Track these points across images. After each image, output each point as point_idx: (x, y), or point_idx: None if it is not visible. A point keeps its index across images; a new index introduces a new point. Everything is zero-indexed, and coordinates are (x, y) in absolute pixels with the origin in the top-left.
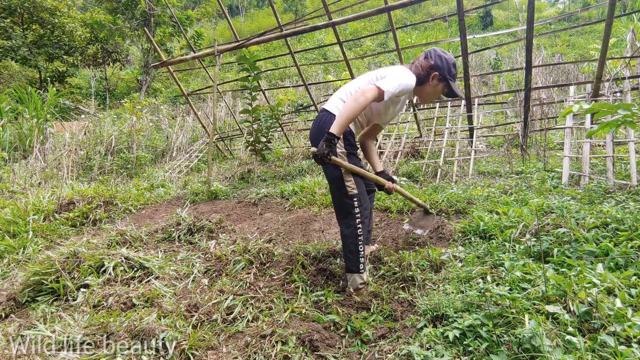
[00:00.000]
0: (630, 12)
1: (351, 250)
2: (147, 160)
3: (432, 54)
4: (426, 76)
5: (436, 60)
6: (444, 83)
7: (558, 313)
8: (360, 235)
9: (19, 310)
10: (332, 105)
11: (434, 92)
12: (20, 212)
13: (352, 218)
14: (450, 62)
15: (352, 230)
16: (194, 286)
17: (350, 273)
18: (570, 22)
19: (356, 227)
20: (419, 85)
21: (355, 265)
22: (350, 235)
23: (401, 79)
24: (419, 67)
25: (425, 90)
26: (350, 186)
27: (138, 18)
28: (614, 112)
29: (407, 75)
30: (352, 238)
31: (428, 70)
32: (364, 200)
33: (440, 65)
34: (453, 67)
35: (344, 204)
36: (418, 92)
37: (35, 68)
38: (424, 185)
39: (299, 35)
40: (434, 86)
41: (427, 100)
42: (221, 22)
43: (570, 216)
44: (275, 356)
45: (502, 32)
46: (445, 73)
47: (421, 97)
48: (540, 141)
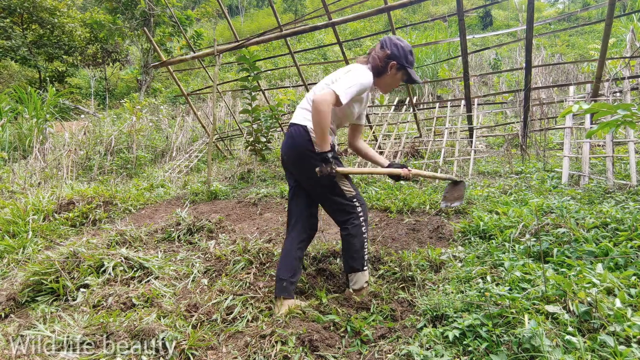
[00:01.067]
0: (630, 12)
1: (357, 250)
2: (146, 160)
3: (387, 42)
4: (384, 67)
5: (392, 49)
6: (403, 71)
7: (558, 313)
8: (366, 232)
9: (19, 310)
10: (299, 117)
11: (394, 81)
12: (20, 212)
13: (356, 217)
14: (407, 49)
15: (358, 229)
16: (193, 286)
17: (354, 273)
18: (570, 22)
19: (361, 225)
20: (378, 77)
21: (359, 264)
22: (356, 233)
23: (355, 79)
24: (376, 58)
25: (385, 81)
26: (347, 189)
27: (138, 18)
28: (614, 112)
29: (362, 73)
30: (358, 236)
31: (385, 60)
32: (362, 199)
33: (397, 54)
34: (410, 54)
35: (344, 205)
36: (378, 83)
37: (35, 68)
38: (424, 185)
39: (299, 35)
40: (393, 75)
41: (387, 90)
42: (221, 22)
43: (570, 216)
44: (275, 356)
45: (502, 32)
46: (402, 61)
47: (381, 88)
48: (540, 141)
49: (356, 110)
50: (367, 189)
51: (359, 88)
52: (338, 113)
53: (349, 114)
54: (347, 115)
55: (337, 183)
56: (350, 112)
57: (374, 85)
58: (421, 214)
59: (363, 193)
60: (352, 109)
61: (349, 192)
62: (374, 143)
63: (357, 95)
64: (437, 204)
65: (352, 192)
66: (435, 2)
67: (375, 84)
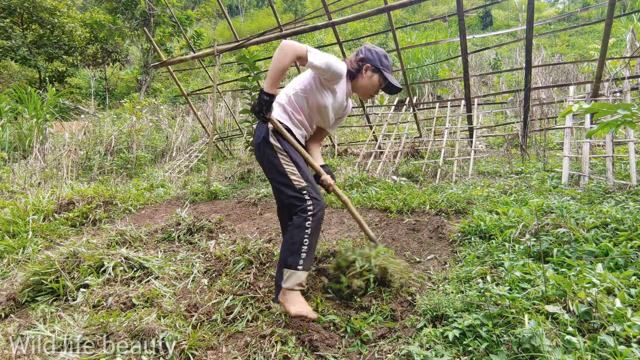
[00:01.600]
0: (630, 12)
1: (295, 243)
2: (146, 160)
3: (362, 49)
4: (358, 69)
5: (366, 53)
6: (378, 74)
7: (558, 313)
8: (309, 229)
9: (19, 310)
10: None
11: (371, 84)
12: (20, 212)
13: (303, 210)
14: (381, 54)
15: (302, 221)
16: (193, 286)
17: (287, 268)
18: (570, 22)
19: (306, 219)
20: (354, 79)
21: (295, 260)
22: (299, 225)
23: (329, 58)
24: (351, 62)
25: (361, 83)
26: (296, 179)
27: (138, 18)
28: (614, 112)
29: (337, 60)
30: (300, 229)
31: (359, 63)
32: (314, 192)
33: (370, 57)
34: (384, 58)
35: (292, 198)
36: (355, 87)
37: (35, 68)
38: (424, 185)
39: (299, 35)
40: (369, 78)
41: (367, 95)
42: (221, 22)
43: (570, 216)
44: (275, 356)
45: (502, 32)
46: (377, 64)
47: (360, 92)
48: (540, 141)
49: (329, 102)
50: (367, 189)
51: (327, 65)
52: (310, 100)
53: (322, 105)
54: (319, 106)
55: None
56: (323, 102)
57: (353, 91)
58: (421, 214)
59: (363, 193)
60: (325, 99)
61: (299, 183)
62: (374, 143)
63: (325, 74)
64: (437, 204)
65: (302, 184)
66: (435, 2)
67: (353, 89)
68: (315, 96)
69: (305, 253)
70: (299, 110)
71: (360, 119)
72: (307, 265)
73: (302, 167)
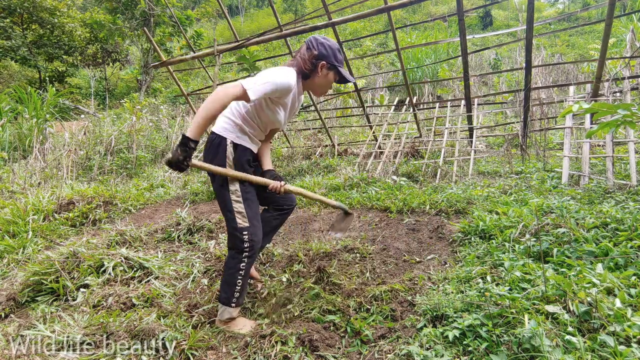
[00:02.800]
0: (630, 12)
1: (227, 282)
2: (146, 160)
3: (313, 42)
4: (313, 68)
5: (320, 49)
6: (334, 71)
7: (558, 313)
8: (242, 270)
9: (19, 310)
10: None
11: (326, 83)
12: (20, 212)
13: (239, 252)
14: (335, 48)
15: (235, 263)
16: (193, 286)
17: (221, 304)
18: (570, 22)
19: (240, 261)
20: (307, 79)
21: (227, 299)
22: (232, 266)
23: (270, 76)
24: (303, 60)
25: (316, 82)
26: (240, 219)
27: (138, 18)
28: (614, 112)
29: (281, 73)
30: (233, 270)
31: (313, 61)
32: (254, 233)
33: (325, 54)
34: (338, 52)
35: (233, 235)
36: (309, 86)
37: (35, 68)
38: (424, 185)
39: (299, 35)
40: (325, 76)
41: (321, 93)
42: (221, 22)
43: (570, 216)
44: (275, 356)
45: (502, 32)
46: (332, 60)
47: (314, 91)
48: (540, 141)
49: (282, 116)
50: (367, 189)
51: (273, 87)
52: (262, 117)
53: (275, 120)
54: (273, 121)
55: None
56: (275, 118)
57: (305, 89)
58: (421, 214)
59: (363, 193)
60: (277, 115)
61: (241, 223)
62: (374, 143)
63: (273, 95)
64: (437, 204)
65: (245, 224)
66: (435, 2)
67: (305, 87)
68: (267, 114)
69: (238, 292)
70: (254, 125)
71: (360, 119)
72: (240, 302)
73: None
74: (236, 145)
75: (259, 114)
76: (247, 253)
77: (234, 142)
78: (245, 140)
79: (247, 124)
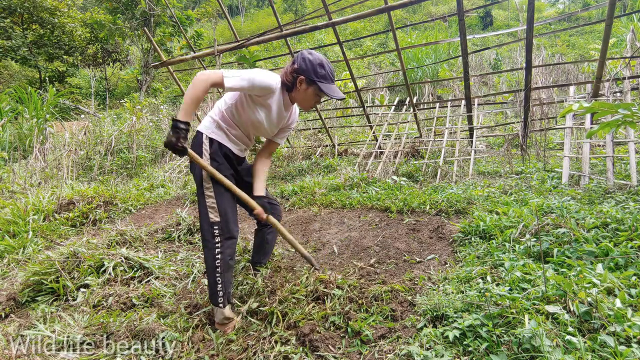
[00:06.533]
0: (630, 12)
1: (209, 282)
2: (147, 160)
3: (297, 57)
4: (293, 82)
5: (300, 63)
6: (314, 86)
7: (558, 313)
8: (219, 266)
9: (19, 310)
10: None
11: (307, 97)
12: (20, 212)
13: (211, 247)
14: (315, 63)
15: (211, 260)
16: (193, 286)
17: (213, 305)
18: (570, 22)
19: (214, 257)
20: (291, 92)
21: (213, 299)
22: (209, 265)
23: (252, 75)
24: (286, 73)
25: (298, 97)
26: (212, 214)
27: (138, 18)
28: (614, 112)
29: (263, 74)
30: (210, 268)
31: (293, 75)
32: (226, 229)
33: (304, 68)
34: (319, 67)
35: (204, 230)
36: (293, 99)
37: (35, 68)
38: (424, 185)
39: (299, 35)
40: (304, 91)
41: (306, 107)
42: (221, 22)
43: (570, 216)
44: (275, 357)
45: (502, 32)
46: (311, 75)
47: (299, 104)
48: (540, 141)
49: (262, 117)
50: (367, 189)
51: (249, 84)
52: (242, 116)
53: (255, 120)
54: (253, 122)
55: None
56: (255, 118)
57: (293, 102)
58: (421, 214)
59: (363, 193)
60: (257, 115)
61: (213, 218)
62: (374, 143)
63: (251, 91)
64: (437, 204)
65: (216, 219)
66: (435, 2)
67: (291, 100)
68: (247, 112)
69: (221, 291)
70: (233, 125)
71: (360, 119)
72: (227, 299)
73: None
74: (212, 140)
75: (238, 112)
76: (219, 250)
77: (209, 136)
78: (221, 136)
79: (225, 121)
